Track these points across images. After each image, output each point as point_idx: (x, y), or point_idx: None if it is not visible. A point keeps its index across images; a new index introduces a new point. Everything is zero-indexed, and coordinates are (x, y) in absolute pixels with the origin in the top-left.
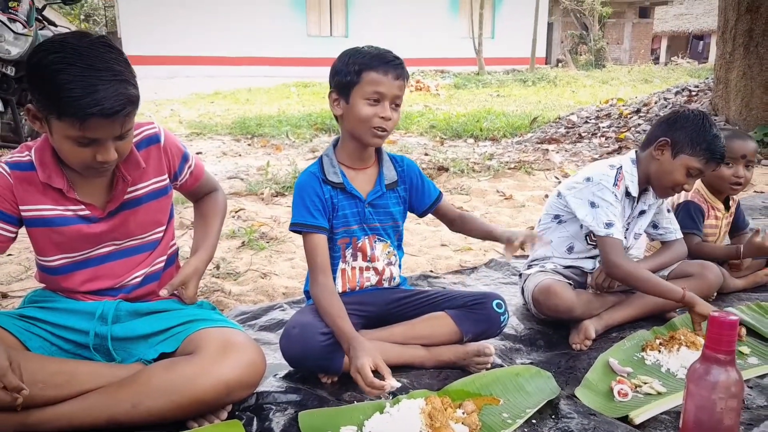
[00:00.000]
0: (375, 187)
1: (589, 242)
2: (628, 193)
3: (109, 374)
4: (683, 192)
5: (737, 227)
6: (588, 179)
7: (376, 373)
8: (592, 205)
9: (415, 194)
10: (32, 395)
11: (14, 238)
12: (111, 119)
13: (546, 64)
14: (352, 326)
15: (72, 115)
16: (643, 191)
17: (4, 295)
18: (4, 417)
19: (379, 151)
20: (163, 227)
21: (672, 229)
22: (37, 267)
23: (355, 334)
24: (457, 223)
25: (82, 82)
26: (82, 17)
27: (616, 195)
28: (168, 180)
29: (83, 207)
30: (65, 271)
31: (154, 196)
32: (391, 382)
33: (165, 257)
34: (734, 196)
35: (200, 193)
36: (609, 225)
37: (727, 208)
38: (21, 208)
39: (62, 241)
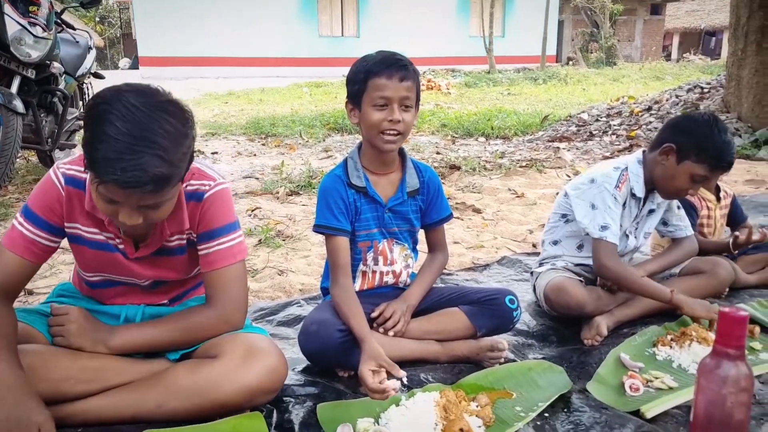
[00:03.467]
0: (397, 193)
1: None
2: (633, 194)
3: (133, 370)
4: None
5: (736, 221)
6: (592, 181)
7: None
8: (593, 207)
9: (429, 207)
10: (63, 390)
11: (56, 248)
12: (126, 191)
13: (557, 62)
14: (366, 326)
15: (93, 171)
16: (650, 191)
17: (30, 292)
18: None
19: (403, 157)
20: (199, 266)
21: (682, 226)
22: (75, 272)
23: (366, 336)
24: (427, 255)
25: (114, 144)
26: (97, 19)
27: (616, 198)
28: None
29: (120, 241)
30: (100, 286)
31: (190, 244)
32: (392, 384)
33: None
34: (727, 190)
35: (205, 288)
36: (604, 228)
37: (719, 199)
38: (66, 223)
39: (99, 262)
